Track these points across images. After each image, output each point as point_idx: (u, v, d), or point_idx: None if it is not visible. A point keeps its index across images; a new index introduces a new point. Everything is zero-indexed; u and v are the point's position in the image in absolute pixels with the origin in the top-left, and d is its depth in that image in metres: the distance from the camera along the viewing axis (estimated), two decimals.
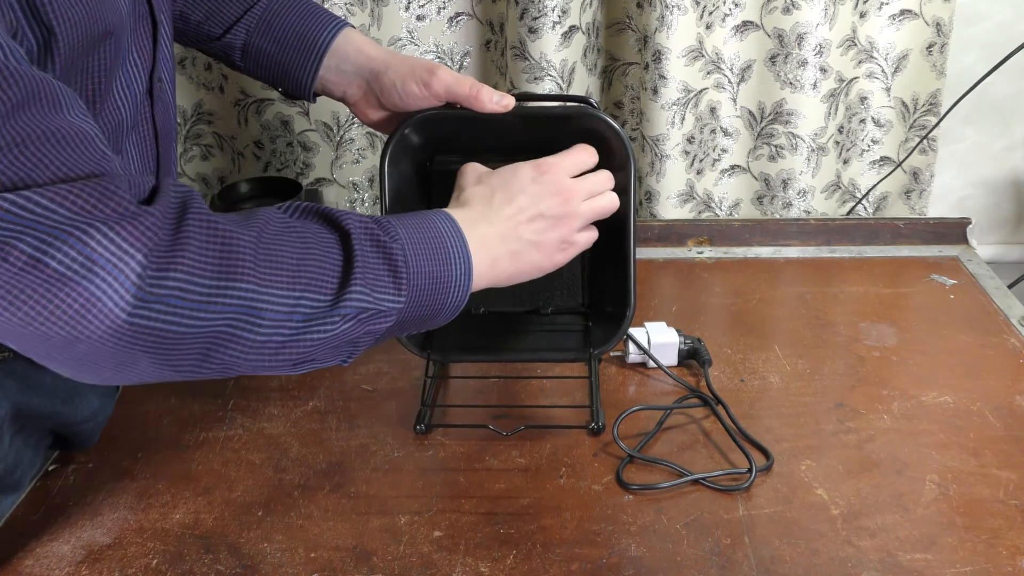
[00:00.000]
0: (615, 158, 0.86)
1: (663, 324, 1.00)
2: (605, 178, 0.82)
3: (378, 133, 1.09)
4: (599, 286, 0.93)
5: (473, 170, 0.81)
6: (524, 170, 0.78)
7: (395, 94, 0.87)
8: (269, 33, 0.93)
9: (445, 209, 0.75)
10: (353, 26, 0.93)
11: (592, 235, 0.81)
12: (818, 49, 1.26)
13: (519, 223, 0.76)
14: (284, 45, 0.92)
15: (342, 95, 0.91)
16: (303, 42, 0.91)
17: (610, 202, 0.81)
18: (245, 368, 0.63)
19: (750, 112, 1.33)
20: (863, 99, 1.32)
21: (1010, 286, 1.15)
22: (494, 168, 0.81)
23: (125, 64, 0.74)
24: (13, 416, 0.77)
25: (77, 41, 0.65)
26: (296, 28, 0.92)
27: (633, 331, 0.98)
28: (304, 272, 0.63)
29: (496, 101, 0.85)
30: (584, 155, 0.81)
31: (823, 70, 1.28)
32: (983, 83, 1.28)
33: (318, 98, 0.94)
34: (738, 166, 1.37)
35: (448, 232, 0.71)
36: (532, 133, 0.89)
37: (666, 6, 1.22)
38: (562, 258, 0.79)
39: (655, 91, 1.27)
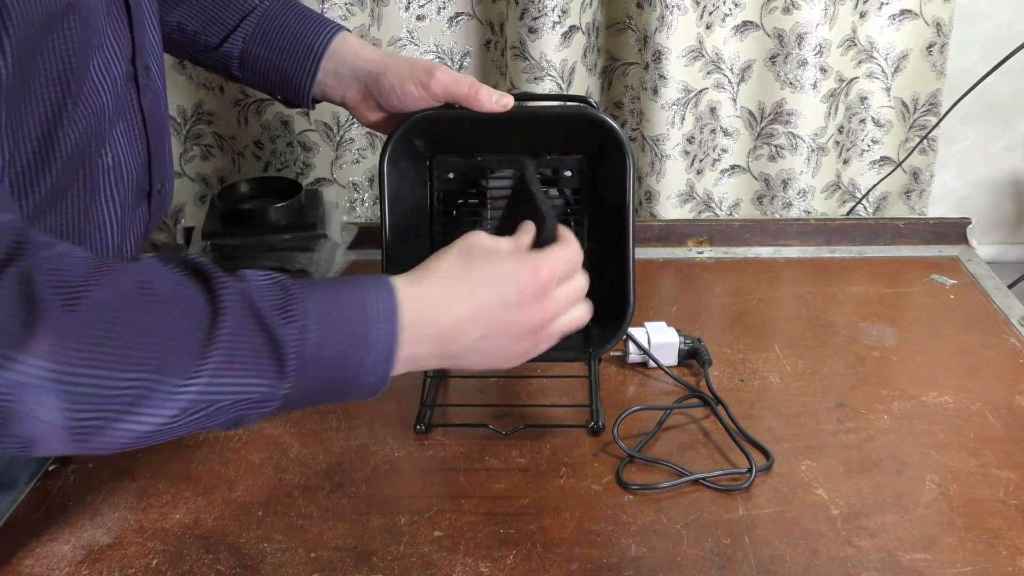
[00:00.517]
0: (614, 158, 0.86)
1: (663, 324, 1.00)
2: (582, 286, 0.73)
3: (378, 133, 1.09)
4: (599, 286, 0.93)
5: (467, 243, 0.70)
6: (513, 274, 0.68)
7: (394, 96, 0.86)
8: (266, 40, 0.92)
9: (398, 278, 0.67)
10: (349, 30, 0.93)
11: (551, 342, 0.72)
12: (818, 49, 1.26)
13: (476, 336, 0.67)
14: (281, 51, 0.91)
15: (341, 99, 0.91)
16: (300, 47, 0.91)
17: (580, 319, 0.72)
18: (59, 450, 0.57)
19: (750, 112, 1.33)
20: (863, 99, 1.32)
21: (1010, 286, 1.15)
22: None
23: (102, 48, 0.73)
24: None
25: (33, 15, 0.63)
26: (293, 33, 0.91)
27: (633, 331, 0.98)
28: (142, 350, 0.56)
29: (495, 100, 0.84)
30: (574, 251, 0.72)
31: (823, 70, 1.28)
32: (983, 83, 1.28)
33: (317, 104, 0.94)
34: (738, 166, 1.37)
35: (377, 312, 0.63)
36: (532, 133, 0.89)
37: (666, 6, 1.22)
38: (516, 363, 0.71)
39: (655, 91, 1.27)
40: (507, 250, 0.70)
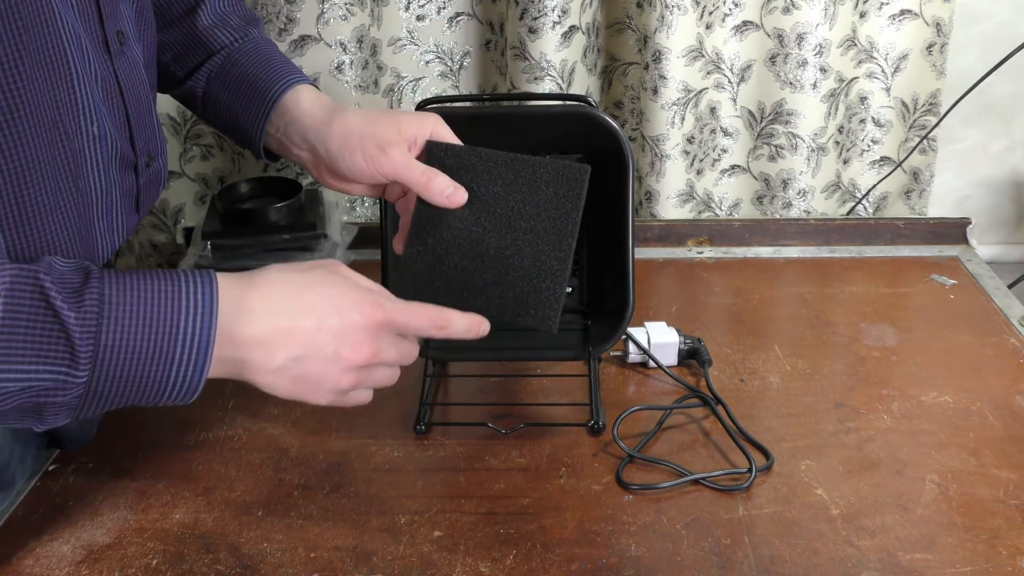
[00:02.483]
0: (614, 158, 0.86)
1: (663, 324, 1.00)
2: (413, 353, 0.72)
3: None
4: (598, 285, 0.93)
5: (326, 263, 0.70)
6: (352, 304, 0.67)
7: (342, 165, 0.81)
8: (226, 82, 0.90)
9: (224, 276, 0.65)
10: (309, 80, 0.89)
11: (362, 399, 0.72)
12: (818, 49, 1.26)
13: (290, 355, 0.65)
14: (238, 96, 0.89)
15: (297, 158, 0.87)
16: (254, 96, 0.88)
17: (389, 379, 0.72)
18: None
19: (750, 112, 1.33)
20: (863, 99, 1.32)
21: (1010, 286, 1.15)
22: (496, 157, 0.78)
23: (67, 4, 0.70)
24: None
25: None
26: (251, 79, 0.88)
27: (633, 331, 0.98)
28: None
29: (447, 195, 0.77)
30: (427, 319, 0.71)
31: (823, 70, 1.28)
32: (983, 83, 1.28)
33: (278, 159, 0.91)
34: (738, 166, 1.37)
35: (190, 303, 0.62)
36: (532, 133, 0.89)
37: (666, 6, 1.22)
38: (322, 403, 0.69)
39: (655, 91, 1.27)
40: (363, 285, 0.70)
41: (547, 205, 0.78)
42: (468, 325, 0.73)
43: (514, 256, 0.79)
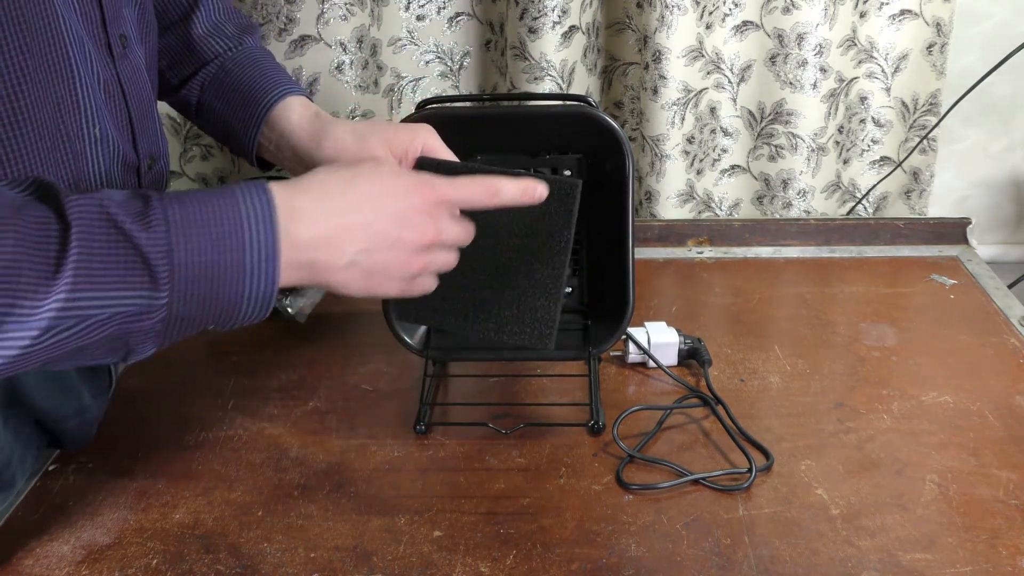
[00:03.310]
0: (614, 158, 0.86)
1: (663, 324, 1.00)
2: (468, 232, 0.73)
3: None
4: (598, 285, 0.94)
5: (358, 160, 0.70)
6: (403, 188, 0.68)
7: None
8: (220, 92, 0.90)
9: (275, 183, 0.65)
10: (300, 91, 0.89)
11: (428, 286, 0.72)
12: (818, 49, 1.26)
13: (357, 249, 0.66)
14: (231, 106, 0.89)
15: (291, 171, 0.87)
16: (247, 107, 0.88)
17: (445, 265, 0.72)
18: None
19: (750, 112, 1.33)
20: (863, 99, 1.32)
21: (1010, 286, 1.15)
22: (496, 161, 0.78)
23: (70, 8, 0.71)
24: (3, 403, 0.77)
25: None
26: (243, 90, 0.88)
27: (633, 331, 0.98)
28: None
29: None
30: (478, 191, 0.71)
31: (823, 70, 1.28)
32: (983, 83, 1.28)
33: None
34: (738, 166, 1.37)
35: (250, 213, 0.62)
36: (531, 133, 0.89)
37: (666, 6, 1.22)
38: (395, 293, 0.70)
39: (655, 91, 1.27)
40: (404, 171, 0.70)
41: (538, 222, 0.78)
42: (522, 188, 0.73)
43: (508, 274, 0.78)
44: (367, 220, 0.66)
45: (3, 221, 0.56)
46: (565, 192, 0.77)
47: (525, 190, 0.73)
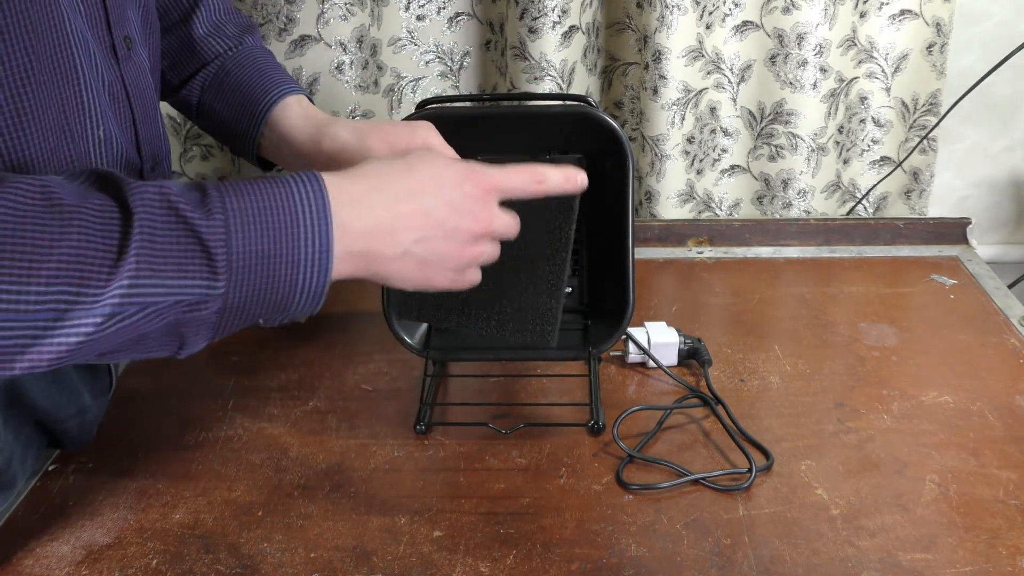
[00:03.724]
0: (614, 158, 0.86)
1: (663, 324, 1.00)
2: (511, 224, 0.72)
3: None
4: (598, 285, 0.94)
5: (408, 150, 0.70)
6: (457, 177, 0.68)
7: None
8: (220, 93, 0.90)
9: (328, 173, 0.65)
10: (300, 90, 0.89)
11: (475, 278, 0.71)
12: (818, 49, 1.26)
13: (413, 238, 0.65)
14: (231, 107, 0.89)
15: (291, 171, 0.87)
16: (247, 108, 0.88)
17: (491, 257, 0.71)
18: None
19: (750, 112, 1.33)
20: (863, 99, 1.32)
21: (1010, 286, 1.15)
22: (496, 160, 0.78)
23: (75, 9, 0.71)
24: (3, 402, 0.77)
25: None
26: (243, 91, 0.88)
27: (633, 331, 0.98)
28: (52, 260, 0.55)
29: None
30: (525, 179, 0.71)
31: (823, 70, 1.28)
32: (983, 83, 1.28)
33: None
34: (738, 166, 1.37)
35: (304, 203, 0.62)
36: (531, 133, 0.89)
37: (666, 6, 1.22)
38: (447, 285, 0.70)
39: (655, 91, 1.27)
40: (453, 156, 0.70)
41: (539, 219, 0.78)
42: (564, 175, 0.72)
43: (510, 272, 0.79)
44: (424, 207, 0.66)
45: (69, 209, 0.56)
46: None
47: (568, 178, 0.72)
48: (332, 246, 0.62)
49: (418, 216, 0.66)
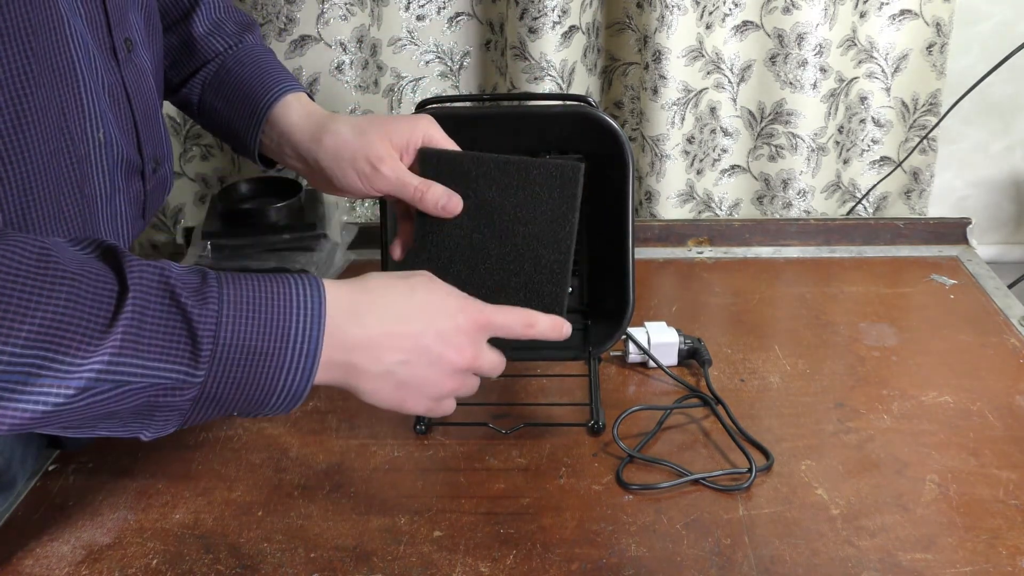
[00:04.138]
0: (614, 158, 0.86)
1: (663, 324, 0.99)
2: (497, 363, 0.72)
3: None
4: (598, 285, 0.93)
5: (415, 273, 0.70)
6: (454, 309, 0.69)
7: (336, 180, 0.82)
8: (221, 91, 0.90)
9: (330, 281, 0.65)
10: (301, 87, 0.89)
11: (450, 408, 0.72)
12: (818, 49, 1.26)
13: (398, 359, 0.66)
14: (232, 105, 0.89)
15: (292, 168, 0.87)
16: (247, 106, 0.87)
17: (470, 390, 0.72)
18: None
19: (750, 112, 1.33)
20: (863, 99, 1.32)
21: (1010, 286, 1.15)
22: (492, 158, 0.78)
23: (75, 12, 0.71)
24: None
25: None
26: (243, 89, 0.88)
27: (633, 331, 0.98)
28: (35, 321, 0.54)
29: (442, 206, 0.78)
30: (517, 321, 0.72)
31: (823, 70, 1.28)
32: (983, 83, 1.28)
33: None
34: (738, 166, 1.37)
35: (301, 306, 0.62)
36: (531, 133, 0.89)
37: (666, 6, 1.22)
38: (421, 411, 0.70)
39: (655, 91, 1.27)
40: (455, 291, 0.70)
41: (543, 207, 0.78)
42: (552, 324, 0.73)
43: (515, 261, 0.79)
44: (414, 332, 0.66)
45: (62, 274, 0.56)
46: (568, 177, 0.77)
47: (554, 326, 0.73)
48: (320, 353, 0.62)
49: (407, 339, 0.66)
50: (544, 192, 0.77)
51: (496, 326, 0.71)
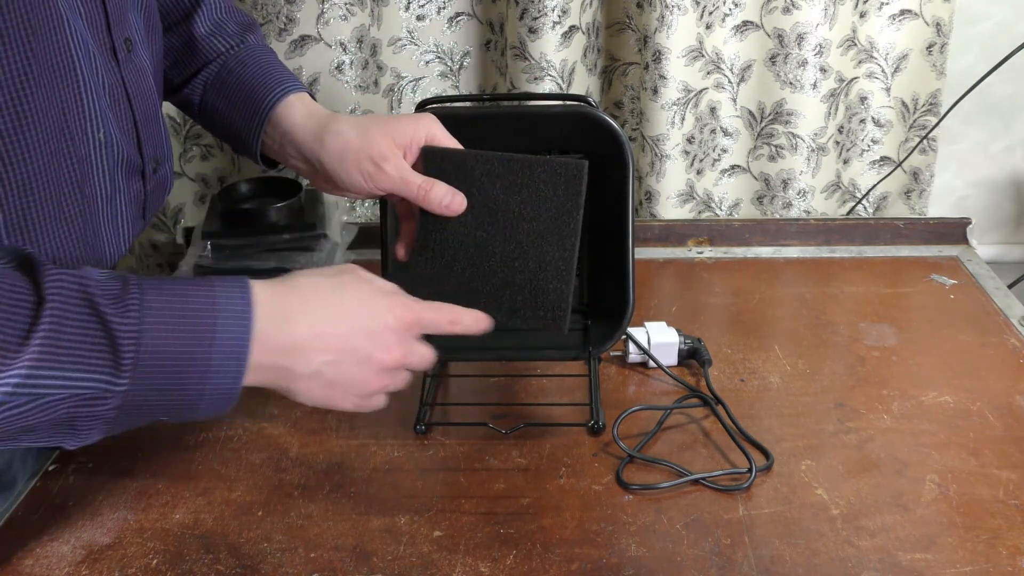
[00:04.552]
0: (614, 158, 0.86)
1: (663, 324, 0.99)
2: (427, 357, 0.72)
3: None
4: (598, 285, 0.93)
5: (343, 268, 0.71)
6: (384, 307, 0.69)
7: (340, 181, 0.81)
8: (223, 91, 0.90)
9: (258, 282, 0.65)
10: (303, 88, 0.89)
11: (379, 404, 0.71)
12: (818, 49, 1.26)
13: (326, 359, 0.66)
14: (234, 106, 0.89)
15: (294, 168, 0.87)
16: (249, 106, 0.87)
17: (399, 386, 0.72)
18: None
19: (750, 112, 1.33)
20: (863, 99, 1.32)
21: (1010, 286, 1.15)
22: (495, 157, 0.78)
23: (75, 12, 0.71)
24: None
25: None
26: (246, 89, 0.88)
27: (633, 331, 0.98)
28: None
29: (446, 204, 0.78)
30: (446, 317, 0.72)
31: (823, 70, 1.28)
32: (983, 83, 1.28)
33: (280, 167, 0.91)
34: (738, 166, 1.37)
35: (227, 311, 0.62)
36: (531, 132, 0.89)
37: (666, 6, 1.22)
38: (349, 408, 0.70)
39: (655, 91, 1.27)
40: (384, 288, 0.70)
41: (547, 205, 0.78)
42: (475, 319, 0.74)
43: (519, 258, 0.79)
44: (342, 332, 0.66)
45: None
46: (572, 174, 0.77)
47: (477, 320, 0.74)
48: (248, 357, 0.62)
49: (335, 340, 0.66)
50: (548, 189, 0.77)
51: (425, 324, 0.71)
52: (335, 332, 0.66)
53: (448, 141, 0.81)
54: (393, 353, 0.69)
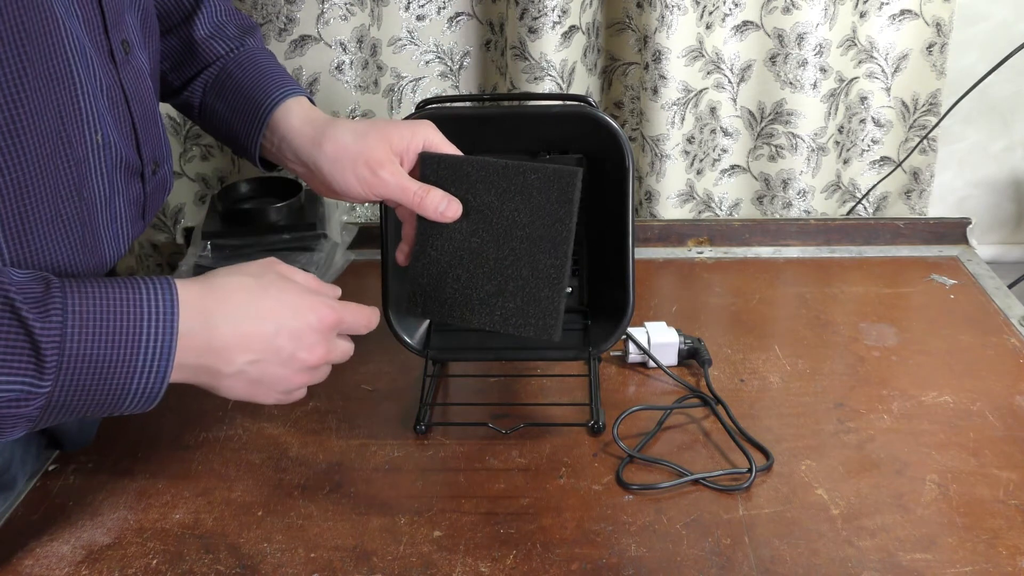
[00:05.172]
0: (614, 158, 0.86)
1: (663, 324, 1.00)
2: (349, 351, 0.74)
3: None
4: (598, 285, 0.94)
5: (265, 265, 0.71)
6: (307, 307, 0.70)
7: (337, 186, 0.82)
8: (222, 94, 0.90)
9: (183, 282, 0.66)
10: (302, 91, 0.89)
11: (300, 396, 0.73)
12: (818, 49, 1.26)
13: (249, 359, 0.67)
14: (233, 109, 0.89)
15: (293, 171, 0.87)
16: (248, 109, 0.88)
17: (321, 379, 0.73)
18: None
19: (750, 112, 1.33)
20: (863, 99, 1.32)
21: (1010, 286, 1.15)
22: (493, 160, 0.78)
23: (71, 14, 0.71)
24: None
25: None
26: (245, 92, 0.88)
27: (633, 331, 0.98)
28: None
29: (441, 211, 0.79)
30: (364, 319, 0.74)
31: (823, 70, 1.28)
32: (983, 83, 1.28)
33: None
34: (738, 166, 1.37)
35: (151, 311, 0.63)
36: (531, 132, 0.89)
37: (666, 6, 1.22)
38: (271, 402, 0.71)
39: (655, 91, 1.27)
40: (305, 284, 0.71)
41: (540, 212, 0.78)
42: (368, 319, 0.75)
43: (512, 266, 0.79)
44: (266, 332, 0.68)
45: None
46: (565, 182, 0.77)
47: (369, 321, 0.75)
48: (172, 357, 0.63)
49: (258, 339, 0.67)
50: (541, 197, 0.77)
51: (346, 324, 0.72)
52: (259, 332, 0.67)
53: (446, 147, 0.81)
54: (316, 352, 0.70)
